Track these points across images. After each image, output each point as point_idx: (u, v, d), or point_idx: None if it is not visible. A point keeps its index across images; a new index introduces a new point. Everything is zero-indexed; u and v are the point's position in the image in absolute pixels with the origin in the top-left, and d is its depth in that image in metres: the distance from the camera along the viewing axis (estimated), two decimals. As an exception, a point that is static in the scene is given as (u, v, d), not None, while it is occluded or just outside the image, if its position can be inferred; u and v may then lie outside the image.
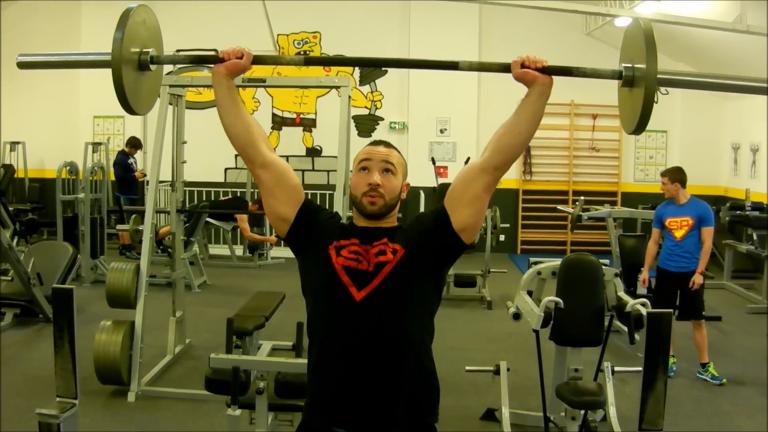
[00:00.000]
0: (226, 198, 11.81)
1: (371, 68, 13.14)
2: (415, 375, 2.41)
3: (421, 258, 2.45)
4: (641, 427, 3.33)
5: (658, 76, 2.24)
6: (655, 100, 2.29)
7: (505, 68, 2.45)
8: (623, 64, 2.38)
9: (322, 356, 2.43)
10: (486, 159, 2.47)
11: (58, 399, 3.57)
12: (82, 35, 12.99)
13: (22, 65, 2.59)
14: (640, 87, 2.28)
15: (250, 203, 10.84)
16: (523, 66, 2.40)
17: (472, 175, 2.49)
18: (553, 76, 2.46)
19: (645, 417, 3.30)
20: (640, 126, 2.32)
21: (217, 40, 12.17)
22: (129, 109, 2.48)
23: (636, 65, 2.33)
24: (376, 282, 2.38)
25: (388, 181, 2.52)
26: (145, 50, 2.49)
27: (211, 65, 2.54)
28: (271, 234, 11.47)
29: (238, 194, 12.30)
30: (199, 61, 2.74)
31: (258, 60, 2.53)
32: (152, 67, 2.54)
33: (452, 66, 2.54)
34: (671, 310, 3.49)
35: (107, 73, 2.38)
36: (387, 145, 2.63)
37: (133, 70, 2.46)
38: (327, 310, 2.43)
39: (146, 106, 2.68)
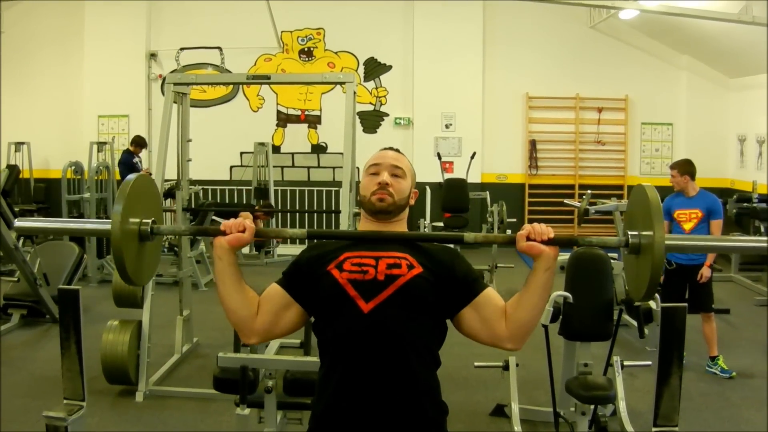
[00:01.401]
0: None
1: (375, 65, 13.11)
2: (423, 389, 2.38)
3: (436, 284, 2.40)
4: (656, 423, 3.30)
5: (666, 242, 2.21)
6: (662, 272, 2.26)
7: (510, 241, 2.40)
8: (629, 232, 2.34)
9: (332, 369, 2.39)
10: (509, 329, 2.40)
11: (65, 401, 3.56)
12: (85, 35, 12.98)
13: (20, 230, 2.55)
14: (647, 255, 2.25)
15: (256, 207, 10.84)
16: (528, 239, 2.33)
17: (498, 325, 2.42)
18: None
19: (660, 412, 3.28)
20: (648, 293, 2.29)
21: (221, 37, 12.23)
22: (129, 280, 2.43)
23: (642, 233, 2.30)
24: (386, 294, 2.33)
25: (397, 183, 2.52)
26: (145, 221, 2.45)
27: (212, 237, 2.49)
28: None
29: (243, 192, 12.33)
30: (201, 233, 2.70)
31: (260, 234, 2.49)
32: (152, 237, 2.50)
33: (459, 239, 2.50)
34: (685, 305, 3.45)
35: (111, 72, 2.36)
36: (396, 151, 2.63)
37: (134, 241, 2.42)
38: (337, 326, 2.38)
39: (147, 277, 2.64)
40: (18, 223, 2.55)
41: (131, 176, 2.49)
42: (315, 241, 2.66)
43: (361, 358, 2.34)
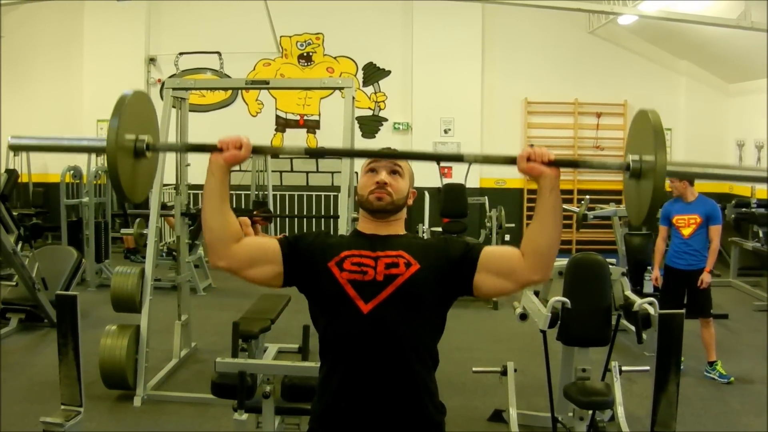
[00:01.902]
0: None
1: (374, 70, 13.12)
2: (419, 389, 2.38)
3: (433, 278, 2.41)
4: (653, 430, 3.30)
5: (668, 168, 2.19)
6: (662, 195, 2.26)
7: (511, 161, 2.38)
8: (630, 157, 2.33)
9: (332, 370, 2.41)
10: (528, 262, 2.39)
11: (63, 407, 3.56)
12: (84, 39, 12.99)
13: (14, 148, 2.53)
14: (648, 179, 2.23)
15: (255, 212, 10.83)
16: (528, 160, 2.33)
17: (514, 266, 2.41)
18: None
19: (657, 419, 3.28)
20: (648, 218, 2.29)
21: (219, 41, 12.25)
22: (123, 195, 2.41)
23: (644, 157, 2.28)
24: (385, 294, 2.35)
25: (396, 182, 2.51)
26: (141, 137, 2.43)
27: (209, 153, 2.48)
28: (276, 235, 11.46)
29: (242, 196, 12.34)
30: (198, 149, 2.68)
31: (257, 150, 2.50)
32: (148, 154, 2.49)
33: (458, 158, 2.51)
34: (683, 311, 3.46)
35: (110, 76, 2.36)
36: (394, 151, 2.64)
37: (129, 157, 2.41)
38: (337, 326, 2.40)
39: (141, 193, 2.62)
40: (12, 140, 2.52)
41: (127, 92, 2.46)
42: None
43: (361, 358, 2.36)
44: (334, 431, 2.40)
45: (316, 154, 2.56)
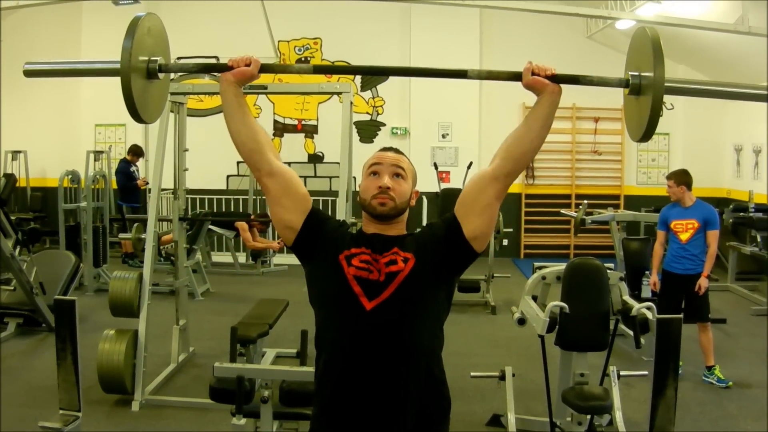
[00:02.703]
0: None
1: (375, 75, 13.12)
2: (425, 384, 2.41)
3: (432, 266, 2.44)
4: (651, 434, 3.30)
5: (666, 84, 2.20)
6: (661, 113, 2.26)
7: (515, 76, 2.47)
8: (630, 72, 2.35)
9: (331, 366, 2.42)
10: (497, 166, 2.49)
11: (61, 412, 3.56)
12: (82, 41, 13.00)
13: (28, 73, 2.57)
14: (648, 95, 2.25)
15: (252, 216, 10.84)
16: (533, 74, 2.37)
17: (484, 183, 2.49)
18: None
19: (655, 423, 3.29)
20: (647, 134, 2.30)
21: (217, 47, 12.21)
22: (137, 117, 2.48)
23: (643, 73, 2.30)
24: (387, 292, 2.37)
25: (399, 185, 2.52)
26: (153, 59, 2.50)
27: (219, 73, 2.51)
28: (274, 239, 11.46)
29: (240, 201, 12.34)
30: (207, 69, 2.73)
31: (265, 68, 2.53)
32: (160, 75, 2.52)
33: (461, 74, 2.52)
34: (680, 316, 3.46)
35: (108, 81, 2.37)
36: (396, 151, 2.63)
37: (142, 79, 2.46)
38: (337, 320, 2.42)
39: (155, 115, 2.68)
40: (27, 66, 2.56)
41: (140, 14, 2.56)
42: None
43: (362, 354, 2.38)
44: (337, 426, 2.40)
45: (325, 71, 2.58)
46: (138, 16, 2.47)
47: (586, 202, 9.84)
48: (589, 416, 4.67)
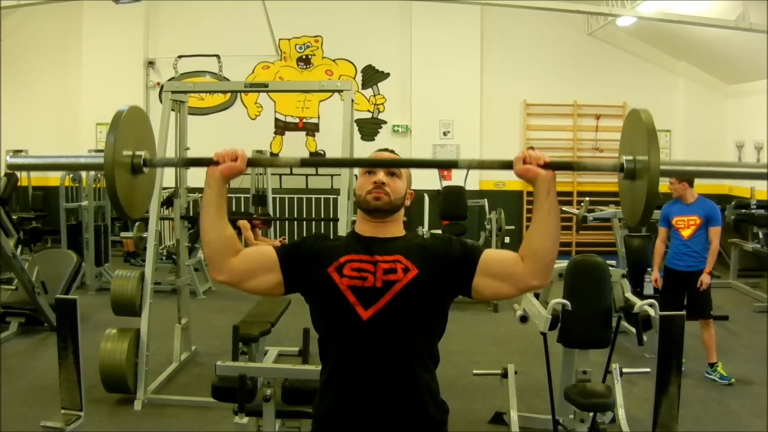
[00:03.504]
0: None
1: (373, 73, 13.12)
2: (420, 393, 2.39)
3: (432, 282, 2.41)
4: (655, 431, 3.30)
5: (661, 167, 2.19)
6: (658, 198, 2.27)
7: (506, 165, 2.40)
8: (624, 157, 2.33)
9: (332, 376, 2.42)
10: (528, 266, 2.40)
11: (63, 411, 3.56)
12: (83, 39, 12.99)
13: (12, 167, 2.53)
14: (643, 179, 2.24)
15: (254, 215, 10.83)
16: (524, 163, 2.35)
17: (513, 270, 2.42)
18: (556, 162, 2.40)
19: (658, 420, 3.28)
20: (644, 218, 2.29)
21: (218, 44, 12.25)
22: (123, 213, 2.44)
23: (637, 157, 2.29)
24: (383, 301, 2.35)
25: (393, 182, 2.51)
26: (138, 153, 2.44)
27: (205, 167, 2.50)
28: (276, 238, 11.46)
29: (241, 199, 12.34)
30: (194, 164, 2.69)
31: (253, 162, 2.51)
32: (145, 169, 2.49)
33: (452, 165, 2.53)
34: (683, 313, 3.46)
35: (109, 80, 2.36)
36: (392, 152, 2.63)
37: (126, 173, 2.41)
38: (336, 333, 2.41)
39: (141, 209, 2.64)
40: (10, 160, 2.52)
41: (123, 107, 2.47)
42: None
43: (361, 363, 2.37)
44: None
45: (312, 164, 2.54)
46: (121, 109, 2.43)
47: (587, 199, 9.84)
48: (591, 414, 4.67)
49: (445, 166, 2.21)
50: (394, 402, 2.35)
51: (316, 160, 2.28)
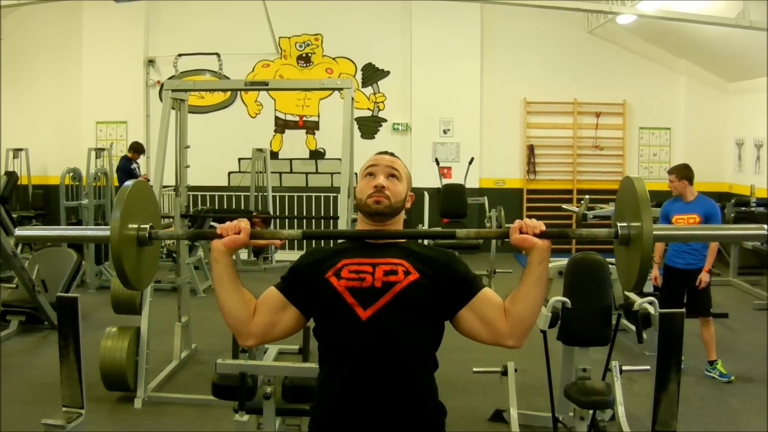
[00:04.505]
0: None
1: (373, 71, 13.12)
2: (420, 392, 2.39)
3: (433, 289, 2.42)
4: (654, 429, 3.30)
5: (654, 233, 2.23)
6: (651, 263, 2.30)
7: (503, 235, 2.45)
8: (619, 224, 2.38)
9: (331, 376, 2.41)
10: (509, 325, 2.42)
11: (64, 409, 3.56)
12: (83, 39, 12.99)
13: (21, 239, 2.58)
14: (636, 246, 2.28)
15: (254, 212, 10.83)
16: (521, 232, 2.36)
17: (498, 323, 2.43)
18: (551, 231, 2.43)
19: (658, 418, 3.28)
20: (638, 283, 2.33)
21: (218, 42, 12.25)
22: (129, 285, 2.47)
23: (631, 224, 2.32)
24: (383, 301, 2.35)
25: (394, 185, 2.52)
26: (143, 227, 2.47)
27: (209, 240, 2.51)
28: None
29: (241, 198, 12.34)
30: (198, 237, 2.73)
31: (255, 235, 2.51)
32: (151, 242, 2.51)
33: (450, 236, 2.55)
34: (683, 310, 3.46)
35: (109, 78, 2.36)
36: (392, 154, 2.64)
37: (133, 246, 2.45)
38: (335, 333, 2.40)
39: (147, 281, 2.67)
40: (18, 232, 2.57)
41: (128, 183, 2.52)
42: (313, 245, 2.67)
43: (360, 364, 2.36)
44: None
45: (313, 237, 2.54)
46: (126, 185, 2.48)
47: (587, 197, 9.85)
48: (591, 411, 4.67)
49: (443, 237, 2.21)
50: (392, 403, 2.34)
51: (317, 233, 2.30)
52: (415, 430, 2.38)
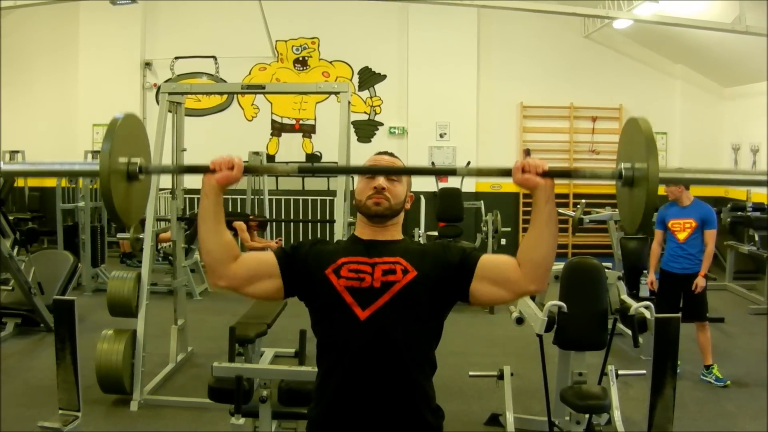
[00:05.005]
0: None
1: (370, 75, 13.13)
2: (417, 393, 2.39)
3: (432, 285, 2.43)
4: (650, 433, 3.31)
5: (660, 176, 2.19)
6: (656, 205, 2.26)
7: (505, 173, 2.41)
8: (622, 164, 2.33)
9: (329, 375, 2.42)
10: (521, 280, 2.41)
11: (60, 412, 3.56)
12: (80, 40, 12.98)
13: (6, 174, 2.55)
14: (641, 188, 2.24)
15: (250, 215, 10.82)
16: (523, 171, 2.35)
17: (511, 275, 2.42)
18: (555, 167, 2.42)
19: (654, 422, 3.29)
20: (642, 225, 2.29)
21: (215, 45, 12.26)
22: (117, 219, 2.45)
23: (636, 165, 2.29)
24: (381, 301, 2.36)
25: (393, 186, 2.52)
26: (133, 160, 2.44)
27: (201, 174, 2.51)
28: (272, 239, 11.46)
29: (237, 201, 12.33)
30: (190, 171, 2.69)
31: (249, 170, 2.51)
32: (141, 176, 2.49)
33: (451, 172, 2.54)
34: (679, 315, 3.47)
35: (106, 80, 2.35)
36: (391, 155, 2.63)
37: (122, 181, 2.41)
38: (333, 332, 2.41)
39: (135, 217, 2.64)
40: (4, 166, 2.53)
41: (118, 115, 2.47)
42: (318, 238, 2.66)
43: (358, 364, 2.37)
44: None
45: (310, 171, 2.55)
46: (116, 117, 2.43)
47: (584, 201, 9.84)
48: (587, 415, 4.68)
49: (443, 173, 2.21)
50: (390, 406, 2.35)
51: (314, 167, 2.29)
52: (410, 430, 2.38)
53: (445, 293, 2.46)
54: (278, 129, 13.28)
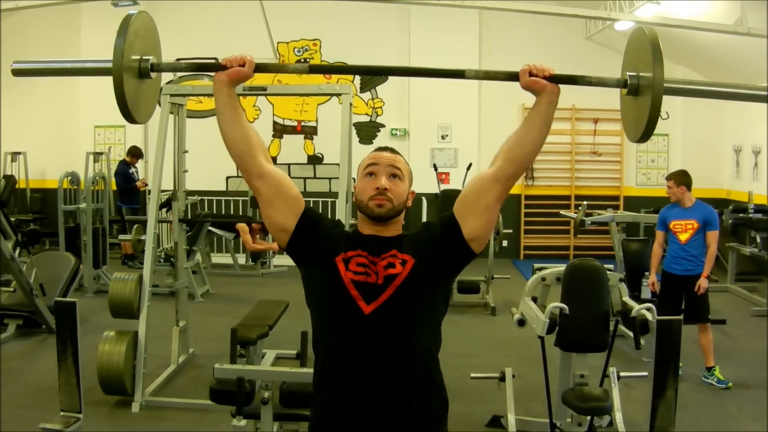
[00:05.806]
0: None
1: (372, 75, 13.13)
2: (423, 386, 2.39)
3: (431, 266, 2.43)
4: (651, 435, 3.30)
5: (665, 84, 2.19)
6: (660, 116, 2.26)
7: (512, 77, 2.45)
8: (628, 73, 2.33)
9: (330, 370, 2.41)
10: (499, 169, 2.49)
11: (62, 413, 3.56)
12: (81, 43, 13.01)
13: (17, 72, 2.54)
14: (646, 95, 2.23)
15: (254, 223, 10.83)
16: (530, 75, 2.37)
17: (485, 185, 2.49)
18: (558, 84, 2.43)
19: (656, 424, 3.28)
20: (645, 134, 2.29)
21: (216, 48, 12.14)
22: (129, 117, 2.46)
23: (641, 73, 2.28)
24: (386, 295, 2.35)
25: (396, 186, 2.50)
26: (145, 58, 2.48)
27: (213, 73, 2.50)
28: (274, 241, 11.47)
29: (240, 202, 12.34)
30: (201, 69, 2.73)
31: (260, 68, 2.49)
32: (152, 74, 2.51)
33: (458, 74, 2.52)
34: (681, 317, 3.47)
35: (108, 82, 2.35)
36: (392, 150, 2.60)
37: (134, 78, 2.44)
38: (335, 324, 2.40)
39: (146, 115, 2.66)
40: (15, 65, 2.54)
41: (132, 12, 2.49)
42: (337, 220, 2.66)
43: (361, 358, 2.36)
44: (337, 430, 2.40)
45: (321, 71, 2.57)
46: (130, 14, 2.45)
47: (585, 203, 9.84)
48: (589, 417, 4.68)
49: (450, 75, 2.22)
50: (393, 401, 2.34)
51: (326, 66, 2.28)
52: (419, 420, 2.38)
53: (446, 268, 2.48)
54: (280, 131, 13.29)
